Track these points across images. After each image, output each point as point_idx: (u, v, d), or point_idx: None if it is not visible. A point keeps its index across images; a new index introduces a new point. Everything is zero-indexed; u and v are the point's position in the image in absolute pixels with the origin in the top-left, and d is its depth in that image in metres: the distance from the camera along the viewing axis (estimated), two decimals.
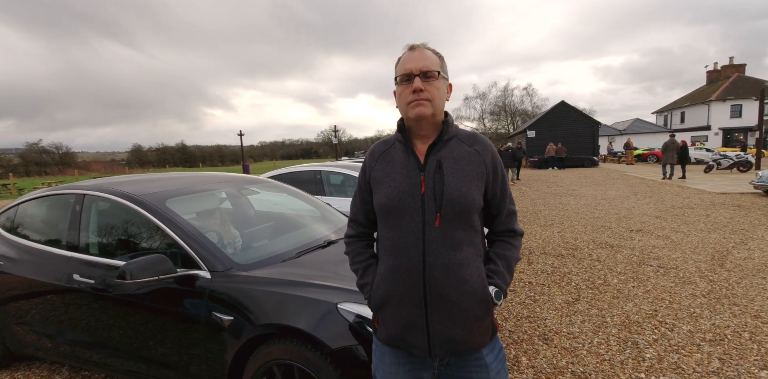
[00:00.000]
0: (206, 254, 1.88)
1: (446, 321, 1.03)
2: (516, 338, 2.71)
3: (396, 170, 1.09)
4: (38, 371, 2.54)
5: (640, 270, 4.05)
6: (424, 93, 1.03)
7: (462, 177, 1.04)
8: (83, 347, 2.15)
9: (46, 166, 51.88)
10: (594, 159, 23.09)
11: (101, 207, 2.28)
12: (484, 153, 1.09)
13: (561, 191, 11.43)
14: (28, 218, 2.56)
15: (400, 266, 1.05)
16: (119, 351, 2.03)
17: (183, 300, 1.83)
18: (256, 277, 1.79)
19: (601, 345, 2.57)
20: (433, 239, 1.02)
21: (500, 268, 1.10)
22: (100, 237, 2.24)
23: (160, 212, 2.04)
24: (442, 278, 1.02)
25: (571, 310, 3.14)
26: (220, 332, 1.71)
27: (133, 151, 70.11)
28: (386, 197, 1.07)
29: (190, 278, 1.82)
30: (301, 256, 2.10)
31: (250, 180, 2.90)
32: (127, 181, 2.47)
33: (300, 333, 1.55)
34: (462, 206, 1.02)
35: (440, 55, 1.10)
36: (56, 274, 2.17)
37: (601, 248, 4.95)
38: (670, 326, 2.79)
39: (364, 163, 1.20)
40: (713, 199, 8.68)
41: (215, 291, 1.76)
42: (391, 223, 1.07)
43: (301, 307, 1.61)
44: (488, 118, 49.03)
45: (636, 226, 6.20)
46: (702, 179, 13.01)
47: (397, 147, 1.13)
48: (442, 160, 1.06)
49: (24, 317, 2.31)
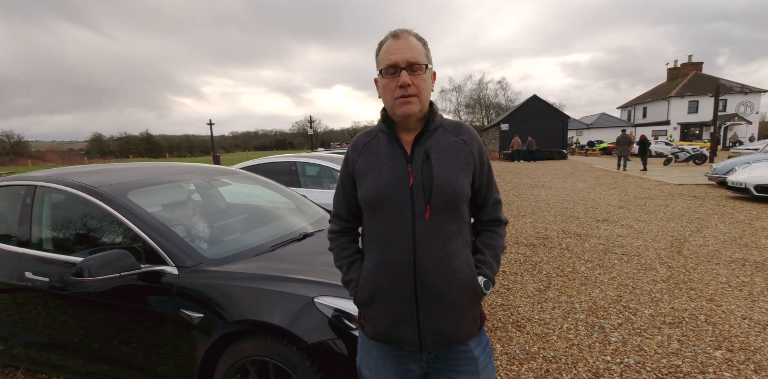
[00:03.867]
0: (173, 249, 1.78)
1: (436, 314, 1.02)
2: (491, 326, 2.77)
3: (381, 162, 1.05)
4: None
5: (605, 258, 4.24)
6: (411, 88, 0.98)
7: (450, 168, 1.02)
8: (39, 348, 2.01)
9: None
10: (563, 152, 23.92)
11: (55, 199, 2.12)
12: (471, 142, 1.07)
13: (532, 182, 11.77)
14: None
15: (388, 260, 1.02)
16: (79, 352, 1.91)
17: (148, 297, 1.73)
18: (227, 272, 1.72)
19: (570, 330, 2.68)
20: (424, 232, 1.00)
21: (488, 258, 1.09)
22: (55, 232, 2.08)
23: (121, 205, 1.91)
24: (433, 270, 1.00)
25: (542, 297, 3.24)
26: (189, 330, 1.64)
27: (93, 140, 66.32)
28: (372, 189, 1.04)
29: (155, 274, 1.72)
30: (276, 249, 2.03)
31: (220, 171, 2.78)
32: (84, 171, 2.30)
33: (275, 329, 1.50)
34: (451, 197, 1.00)
35: (424, 42, 1.05)
36: (5, 272, 2.01)
37: (570, 237, 5.14)
38: (633, 311, 2.94)
39: (346, 155, 1.16)
40: (672, 190, 9.19)
41: (183, 287, 1.68)
42: (378, 216, 1.04)
43: (275, 302, 1.56)
44: (464, 111, 49.73)
45: (602, 216, 6.47)
46: (662, 171, 13.75)
47: (381, 138, 1.09)
48: (429, 150, 1.03)
49: None
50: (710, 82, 33.40)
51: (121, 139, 67.23)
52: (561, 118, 26.73)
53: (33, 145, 63.10)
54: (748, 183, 7.32)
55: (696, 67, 37.70)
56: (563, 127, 26.57)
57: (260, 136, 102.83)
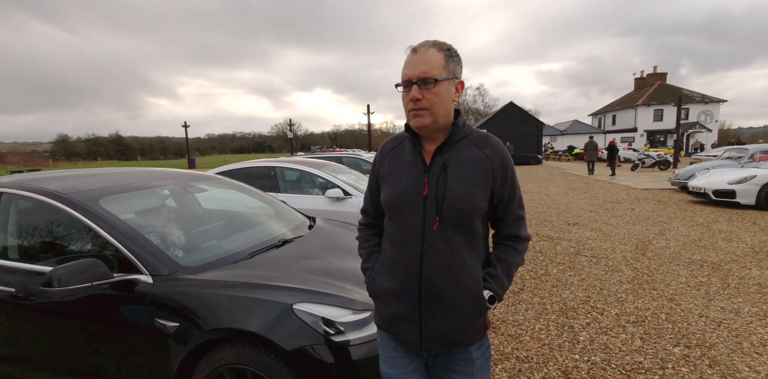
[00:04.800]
0: (147, 257, 1.76)
1: (439, 317, 1.06)
2: None
3: (402, 169, 1.10)
4: None
5: (576, 260, 4.41)
6: (421, 102, 1.01)
7: (467, 182, 1.03)
8: (5, 362, 1.92)
9: None
10: (538, 157, 24.68)
11: (21, 207, 2.04)
12: (493, 157, 1.06)
13: None
14: None
15: (400, 259, 1.08)
16: (46, 364, 1.84)
17: (121, 307, 1.69)
18: (204, 280, 1.71)
19: (542, 331, 2.78)
20: (432, 241, 1.03)
21: (498, 272, 1.08)
22: (21, 240, 2.00)
23: (92, 212, 1.86)
24: (438, 278, 1.04)
25: (516, 299, 3.35)
26: (164, 340, 1.61)
27: (58, 141, 63.26)
28: (390, 194, 1.09)
29: (128, 284, 1.69)
30: (254, 256, 2.03)
31: (196, 176, 2.74)
32: (52, 177, 2.23)
33: (252, 336, 1.50)
34: (463, 211, 1.02)
35: (447, 52, 1.02)
36: None
37: (544, 241, 5.32)
38: (600, 311, 3.08)
39: (375, 157, 1.22)
40: (638, 194, 9.65)
41: (158, 296, 1.66)
42: (395, 219, 1.10)
43: (253, 309, 1.57)
44: None
45: (573, 219, 6.72)
46: (629, 176, 14.40)
47: (406, 145, 1.14)
48: (448, 162, 1.05)
49: None
50: (674, 92, 35.31)
51: (89, 140, 64.46)
52: (536, 125, 27.62)
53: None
54: (707, 188, 7.78)
55: (660, 77, 39.79)
56: (538, 133, 27.44)
57: (238, 138, 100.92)
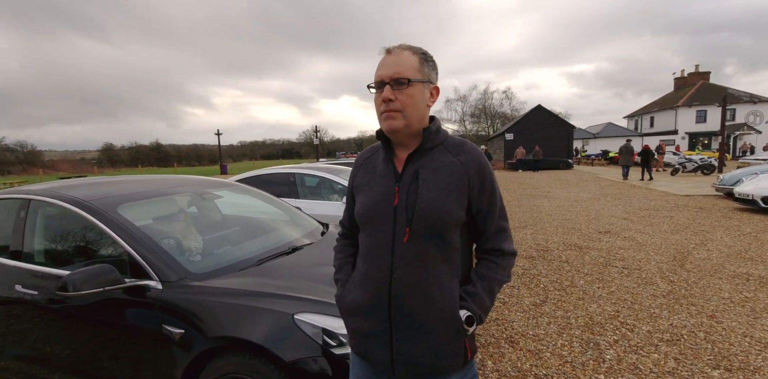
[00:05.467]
0: (158, 263, 1.80)
1: (410, 340, 0.97)
2: (483, 342, 2.72)
3: (375, 179, 1.06)
4: None
5: (605, 271, 4.17)
6: (393, 103, 0.96)
7: (439, 189, 0.96)
8: (26, 362, 2.02)
9: (10, 165, 49.32)
10: (569, 161, 23.80)
11: (48, 213, 2.15)
12: (468, 163, 0.99)
13: (536, 192, 11.69)
14: None
15: (370, 274, 1.02)
16: (64, 366, 1.92)
17: (132, 312, 1.74)
18: (210, 287, 1.72)
19: (565, 347, 2.62)
20: (402, 254, 0.97)
21: (478, 290, 0.99)
22: (46, 245, 2.11)
23: (109, 219, 1.93)
24: (409, 295, 0.96)
25: (538, 312, 3.19)
26: (170, 346, 1.63)
27: (104, 149, 67.48)
28: (362, 206, 1.05)
29: (139, 289, 1.73)
30: (263, 263, 2.03)
31: (212, 183, 2.81)
32: (78, 185, 2.34)
33: (252, 346, 1.49)
34: (435, 221, 0.95)
35: (422, 55, 1.00)
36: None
37: (571, 250, 5.07)
38: (630, 327, 2.87)
39: (352, 168, 1.20)
40: (677, 201, 9.06)
41: (167, 302, 1.68)
42: (367, 232, 1.05)
43: (255, 318, 1.56)
44: (469, 121, 49.89)
45: (604, 227, 6.39)
46: (669, 181, 13.58)
47: (380, 154, 1.09)
48: (420, 170, 0.99)
49: None
50: (718, 91, 33.15)
51: (132, 148, 68.36)
52: (566, 128, 26.70)
53: (46, 154, 64.46)
54: (755, 194, 7.19)
55: (703, 76, 37.55)
56: (568, 136, 26.50)
57: (267, 145, 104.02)
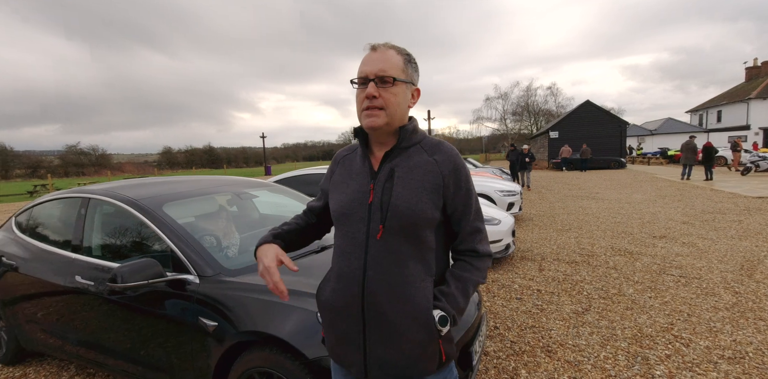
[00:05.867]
0: (196, 259, 1.90)
1: (384, 341, 0.96)
2: (517, 349, 2.61)
3: (351, 177, 1.07)
4: (48, 367, 2.65)
5: (659, 279, 3.84)
6: (377, 100, 0.96)
7: (413, 188, 0.97)
8: (85, 346, 2.22)
9: (84, 168, 54.87)
10: (621, 160, 22.26)
11: (104, 210, 2.36)
12: (444, 163, 1.00)
13: (582, 193, 11.05)
14: (41, 220, 2.69)
15: (343, 274, 1.01)
16: (116, 352, 2.08)
17: (173, 304, 1.85)
18: (241, 283, 1.79)
19: (608, 360, 2.44)
20: (376, 252, 0.97)
21: (452, 289, 0.99)
22: (101, 240, 2.31)
23: (155, 216, 2.08)
24: (381, 294, 0.96)
25: (579, 321, 3.00)
26: (205, 338, 1.73)
27: (163, 153, 73.05)
28: (337, 203, 1.06)
29: (180, 282, 1.85)
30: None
31: (250, 183, 2.94)
32: (131, 185, 2.54)
33: (278, 341, 1.53)
34: (409, 219, 0.95)
35: (406, 56, 1.02)
36: (61, 275, 2.26)
37: (619, 255, 4.73)
38: (685, 342, 2.62)
39: (329, 167, 1.20)
40: (748, 203, 8.15)
41: (203, 296, 1.78)
42: (342, 230, 1.05)
43: (282, 314, 1.60)
44: (510, 119, 48.21)
45: (660, 232, 5.89)
46: (738, 182, 12.27)
47: (358, 152, 1.10)
48: (396, 168, 1.00)
49: (34, 315, 2.42)
50: None
51: (187, 151, 73.46)
52: (618, 125, 24.98)
53: (114, 157, 70.96)
54: None
55: None
56: (621, 133, 24.78)
57: (309, 147, 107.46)
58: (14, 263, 2.51)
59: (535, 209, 8.64)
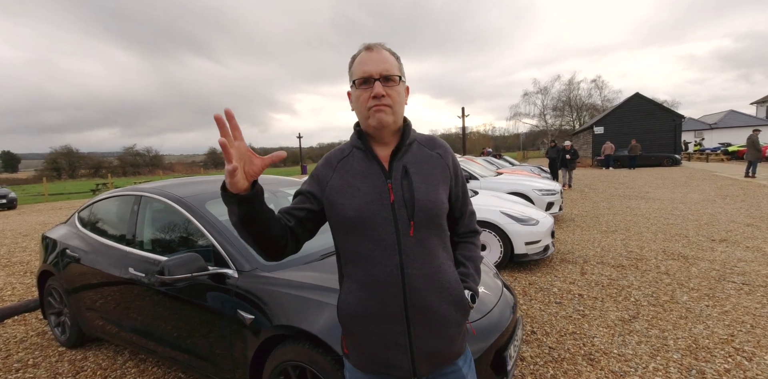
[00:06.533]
0: (235, 254, 1.99)
1: (429, 334, 0.99)
2: (556, 356, 2.49)
3: (358, 179, 1.02)
4: (106, 351, 2.89)
5: (718, 287, 3.52)
6: (385, 99, 0.98)
7: (430, 181, 1.03)
8: (137, 334, 2.39)
9: (139, 167, 59.27)
10: (675, 157, 20.63)
11: (153, 207, 2.52)
12: (446, 156, 1.10)
13: (630, 193, 10.36)
14: (100, 216, 2.92)
15: (375, 281, 0.98)
16: (164, 341, 2.22)
17: (215, 297, 1.95)
18: (277, 278, 1.85)
19: (658, 372, 2.27)
20: (410, 249, 0.98)
21: (470, 270, 1.11)
22: (151, 234, 2.47)
23: (198, 213, 2.20)
24: (423, 288, 0.98)
25: (626, 329, 2.82)
26: (242, 330, 1.80)
27: (209, 153, 77.24)
28: (352, 208, 0.99)
29: (220, 276, 1.94)
30: (325, 258, 2.13)
31: (285, 182, 3.02)
32: (177, 183, 2.70)
33: (311, 336, 1.57)
34: (434, 211, 1.00)
35: (397, 56, 1.06)
36: (117, 267, 2.44)
37: (673, 260, 4.39)
38: (748, 355, 2.38)
39: (316, 170, 1.08)
40: None
41: (241, 290, 1.86)
42: (361, 236, 0.99)
43: (315, 310, 1.63)
44: (550, 114, 46.20)
45: (720, 235, 5.40)
46: None
47: (356, 154, 1.07)
48: (408, 165, 1.03)
49: (93, 304, 2.64)
50: None
51: None
52: (672, 118, 23.19)
53: (166, 158, 76.02)
54: None
55: None
56: (675, 128, 22.99)
57: None
58: (77, 255, 2.75)
59: (577, 209, 8.22)
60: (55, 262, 2.92)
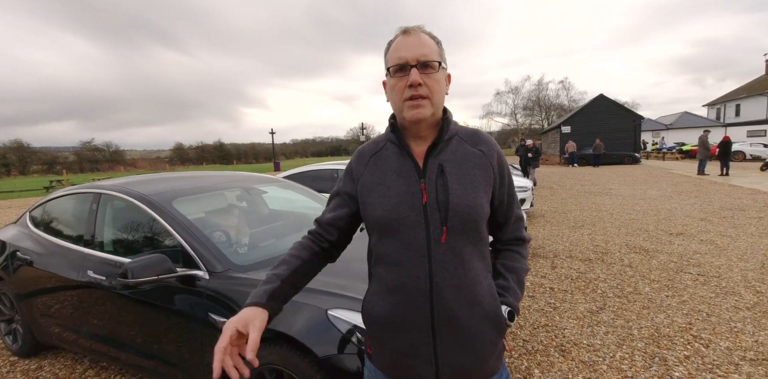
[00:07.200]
0: (206, 255, 1.89)
1: (457, 348, 0.90)
2: (530, 348, 2.56)
3: (390, 177, 0.94)
4: (63, 360, 2.70)
5: (676, 278, 3.74)
6: (422, 88, 0.88)
7: (468, 183, 0.91)
8: (98, 341, 2.24)
9: (98, 164, 55.96)
10: (636, 155, 21.78)
11: (115, 206, 2.37)
12: (490, 154, 0.95)
13: (595, 189, 10.85)
14: (54, 215, 2.71)
15: (401, 287, 0.91)
16: (128, 347, 2.10)
17: (184, 300, 1.85)
18: (252, 279, 1.78)
19: (624, 360, 2.38)
20: (441, 257, 0.88)
21: (511, 283, 0.97)
22: (112, 235, 2.32)
23: (165, 212, 2.07)
24: (453, 300, 0.89)
25: (594, 320, 2.94)
26: (215, 334, 1.72)
27: (175, 149, 74.03)
28: (381, 208, 0.92)
29: (189, 278, 1.84)
30: None
31: (259, 179, 2.92)
32: (140, 180, 2.55)
33: (288, 338, 1.51)
34: (470, 216, 0.89)
35: (438, 41, 0.94)
36: (74, 270, 2.27)
37: (635, 253, 4.62)
38: (705, 342, 2.54)
39: (349, 166, 1.04)
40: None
41: (212, 292, 1.77)
42: (389, 238, 0.92)
43: (292, 312, 1.58)
44: (521, 114, 47.59)
45: (677, 229, 5.74)
46: (757, 178, 11.91)
47: (390, 149, 0.98)
48: (444, 163, 0.92)
49: (48, 309, 2.45)
50: None
51: (198, 147, 74.33)
52: (633, 119, 24.46)
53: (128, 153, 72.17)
54: None
55: None
56: (635, 128, 24.26)
57: (318, 143, 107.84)
58: (29, 257, 2.54)
59: (546, 205, 8.51)
60: (5, 265, 2.69)
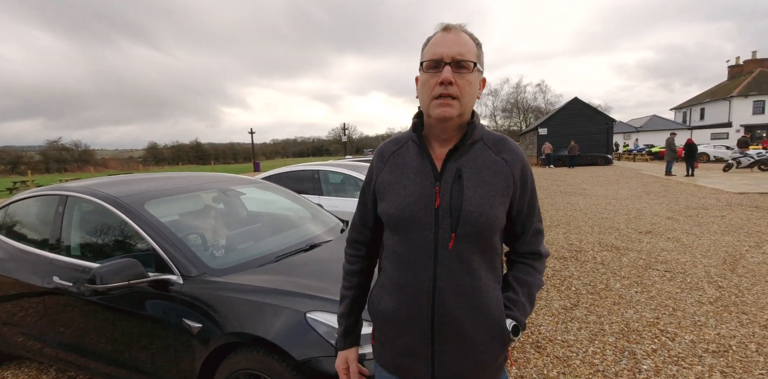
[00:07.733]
0: (180, 258, 1.84)
1: (455, 353, 0.90)
2: None
3: (407, 176, 0.93)
4: (27, 370, 2.57)
5: (645, 274, 3.90)
6: (452, 87, 0.85)
7: (485, 191, 0.88)
8: (65, 349, 2.14)
9: (66, 164, 53.45)
10: (608, 157, 22.58)
11: (82, 209, 2.27)
12: (513, 163, 0.92)
13: (570, 189, 11.18)
14: (17, 218, 2.58)
15: (407, 285, 0.91)
16: (98, 355, 2.02)
17: (156, 305, 1.79)
18: (227, 283, 1.74)
19: (596, 355, 2.47)
20: (446, 262, 0.88)
21: (520, 297, 0.94)
22: (80, 239, 2.23)
23: (136, 214, 2.01)
24: (454, 305, 0.88)
25: (568, 316, 3.03)
26: (189, 339, 1.67)
27: (149, 148, 71.63)
28: (395, 206, 0.92)
29: (162, 283, 1.79)
30: (280, 260, 2.04)
31: (237, 180, 2.87)
32: (111, 182, 2.45)
33: (266, 343, 1.49)
34: (482, 226, 0.87)
35: (479, 42, 0.91)
36: (39, 276, 2.17)
37: (607, 251, 4.79)
38: (671, 336, 2.66)
39: (371, 163, 1.04)
40: (730, 199, 8.35)
41: (186, 297, 1.72)
42: (400, 236, 0.93)
43: (270, 315, 1.56)
44: (500, 116, 48.59)
45: (646, 227, 5.99)
46: (720, 178, 12.57)
47: (411, 148, 0.96)
48: (463, 168, 0.89)
49: (11, 318, 2.33)
50: None
51: (174, 147, 72.16)
52: (605, 122, 25.34)
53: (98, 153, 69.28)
54: None
55: (761, 63, 34.34)
56: (608, 130, 25.15)
57: (299, 143, 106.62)
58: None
59: None
60: None
